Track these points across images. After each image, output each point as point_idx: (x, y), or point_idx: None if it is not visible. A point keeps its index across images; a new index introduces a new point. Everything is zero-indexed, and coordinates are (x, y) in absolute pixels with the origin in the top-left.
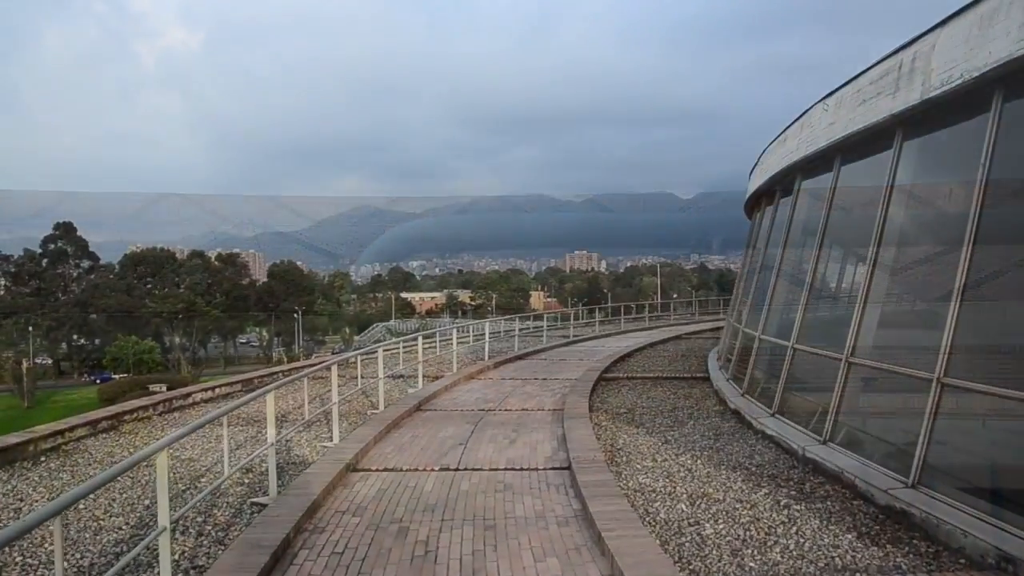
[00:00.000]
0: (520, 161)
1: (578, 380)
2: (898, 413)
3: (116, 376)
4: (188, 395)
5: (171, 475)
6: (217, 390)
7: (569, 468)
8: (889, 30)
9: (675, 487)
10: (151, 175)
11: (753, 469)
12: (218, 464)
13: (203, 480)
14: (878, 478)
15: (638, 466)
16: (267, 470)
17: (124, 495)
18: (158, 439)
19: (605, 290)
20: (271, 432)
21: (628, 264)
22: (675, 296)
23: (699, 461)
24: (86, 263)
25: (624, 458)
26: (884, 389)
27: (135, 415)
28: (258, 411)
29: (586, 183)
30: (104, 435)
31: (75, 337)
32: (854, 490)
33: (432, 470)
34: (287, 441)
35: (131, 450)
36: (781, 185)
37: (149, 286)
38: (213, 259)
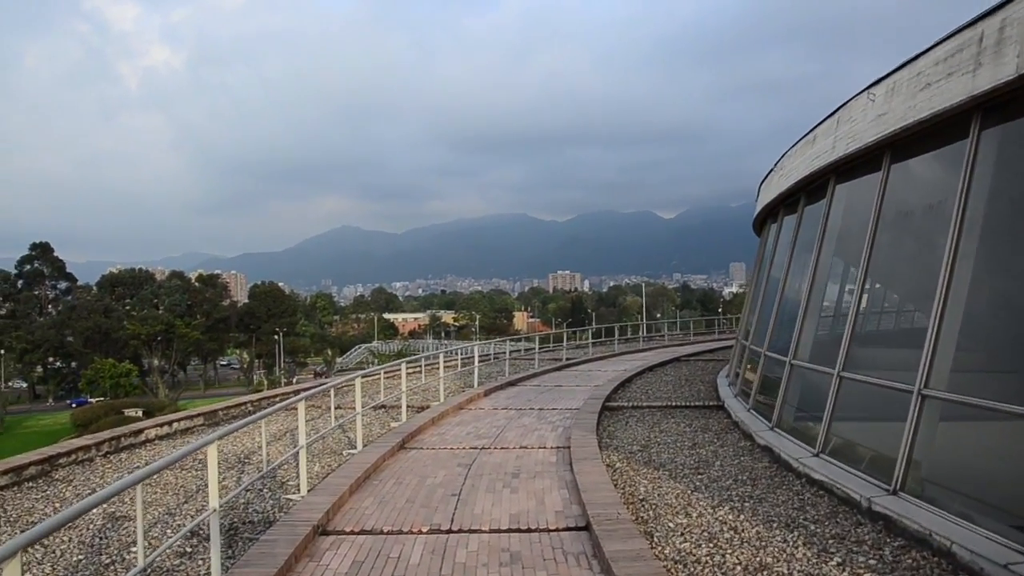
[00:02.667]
0: (503, 181)
1: (579, 410)
2: (1003, 459)
3: (92, 400)
4: (139, 431)
5: (99, 540)
6: (175, 424)
7: (588, 528)
8: (868, 50)
9: (724, 555)
10: (132, 196)
11: (811, 527)
12: (155, 527)
13: (134, 550)
14: (985, 546)
15: (670, 524)
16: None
17: None
18: (99, 487)
19: (589, 310)
20: (213, 495)
21: (611, 284)
22: (659, 316)
23: (742, 516)
24: (63, 284)
25: (651, 512)
26: (977, 429)
27: (72, 457)
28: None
29: (569, 203)
30: (30, 484)
31: (51, 360)
32: (952, 560)
33: (420, 532)
34: (246, 491)
35: (59, 504)
36: (808, 191)
37: (128, 307)
38: (193, 280)
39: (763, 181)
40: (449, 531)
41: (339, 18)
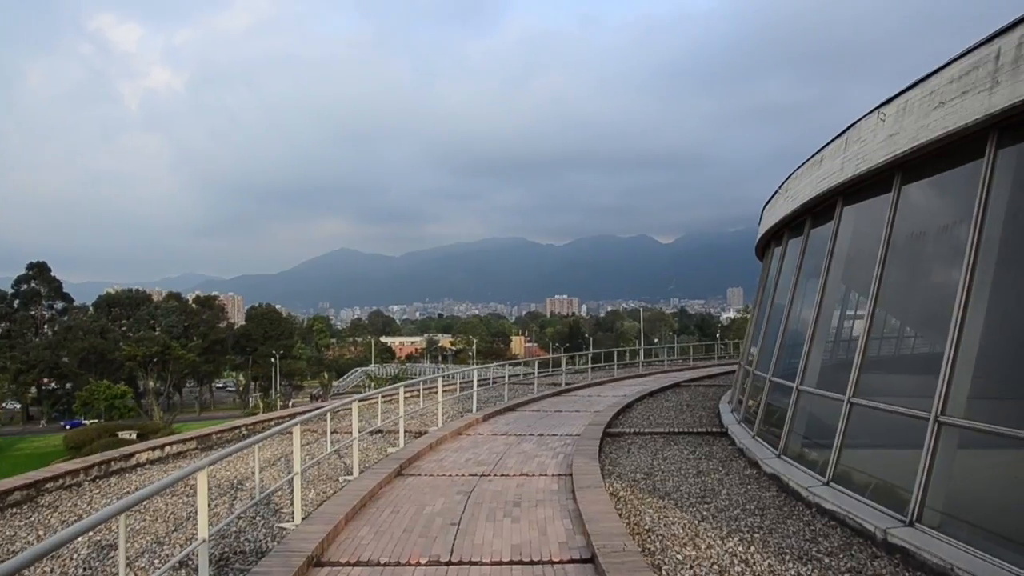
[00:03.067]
0: (502, 205)
1: (580, 436)
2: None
3: (86, 422)
4: (130, 456)
5: (84, 571)
6: (167, 448)
7: (593, 561)
8: (865, 75)
9: None
10: (131, 216)
11: (824, 560)
12: (142, 556)
13: None
14: None
15: (678, 556)
16: (210, 567)
17: None
18: (86, 514)
19: (586, 335)
20: (203, 524)
21: (608, 308)
22: (656, 340)
23: (752, 547)
24: (59, 304)
25: (658, 543)
26: (998, 457)
27: (60, 482)
28: (211, 473)
29: (567, 227)
30: (14, 510)
31: (45, 381)
32: None
33: (418, 563)
34: (238, 519)
35: (43, 532)
36: (814, 213)
37: (124, 328)
38: (191, 301)
39: (766, 204)
40: (449, 563)
41: (341, 42)
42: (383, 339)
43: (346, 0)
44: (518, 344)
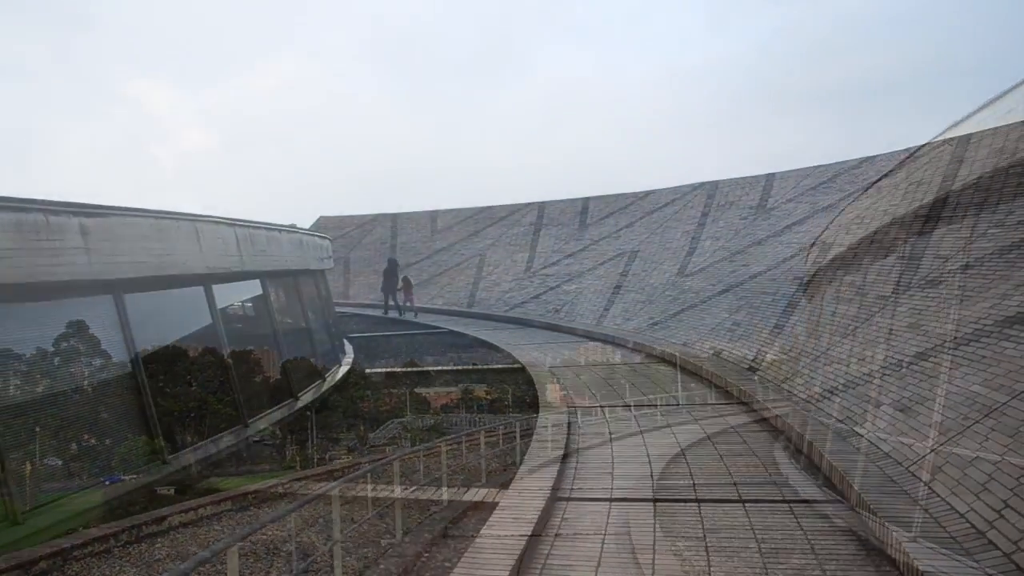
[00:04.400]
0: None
1: (636, 490)
2: None
3: (125, 477)
4: (162, 519)
5: None
6: (200, 511)
7: None
8: (866, 111)
9: None
10: None
11: None
12: None
13: None
14: None
15: None
16: None
17: None
18: None
19: (622, 380)
20: None
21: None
22: (693, 385)
23: None
24: (98, 361)
25: None
26: None
27: (88, 549)
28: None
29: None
30: None
31: (85, 437)
32: None
33: None
34: None
35: None
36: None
37: (160, 384)
38: (226, 356)
39: (813, 243)
40: None
41: (368, 96)
42: (417, 390)
43: (371, 56)
44: (553, 392)
